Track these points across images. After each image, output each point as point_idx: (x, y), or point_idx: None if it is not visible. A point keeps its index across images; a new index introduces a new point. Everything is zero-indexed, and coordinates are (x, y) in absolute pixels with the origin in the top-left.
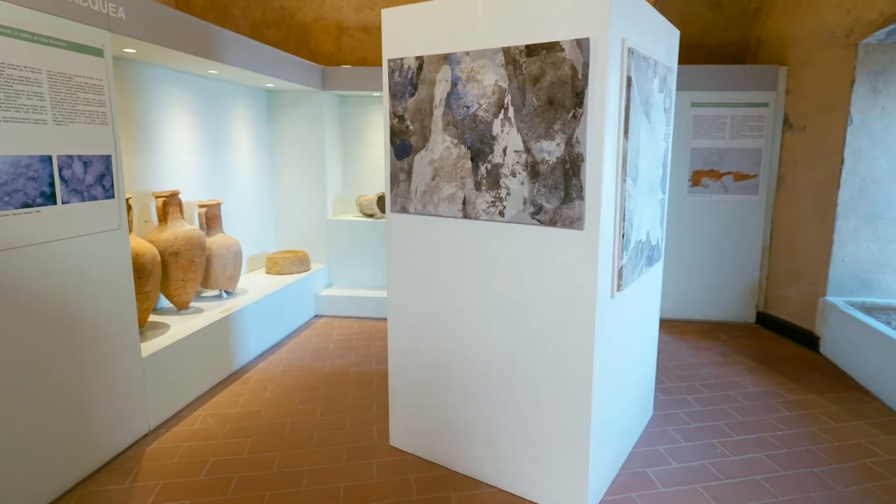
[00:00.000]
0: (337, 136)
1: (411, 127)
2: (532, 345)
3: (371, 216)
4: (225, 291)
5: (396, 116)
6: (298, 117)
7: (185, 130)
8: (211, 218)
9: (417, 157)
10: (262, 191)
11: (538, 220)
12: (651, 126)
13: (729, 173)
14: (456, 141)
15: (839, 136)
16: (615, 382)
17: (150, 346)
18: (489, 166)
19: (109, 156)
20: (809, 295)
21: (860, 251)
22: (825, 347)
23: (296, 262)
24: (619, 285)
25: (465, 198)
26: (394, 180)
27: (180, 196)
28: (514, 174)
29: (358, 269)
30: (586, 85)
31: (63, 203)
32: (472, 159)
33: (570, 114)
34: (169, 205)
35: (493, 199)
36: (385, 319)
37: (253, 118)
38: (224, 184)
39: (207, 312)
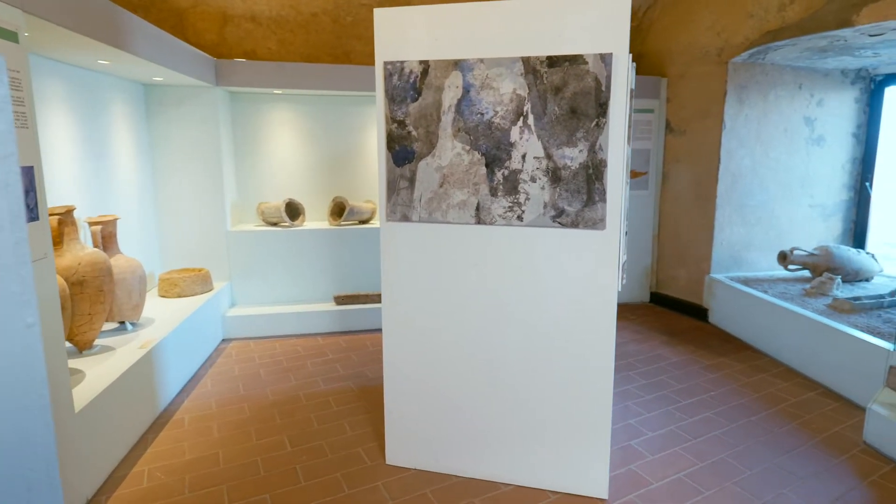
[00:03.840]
0: (230, 137)
1: (414, 133)
2: (552, 341)
3: (275, 224)
4: (129, 322)
5: (395, 122)
6: (184, 116)
7: (61, 132)
8: (108, 237)
9: (422, 163)
10: (144, 202)
11: (559, 223)
12: None
13: None
14: (468, 147)
15: (715, 138)
16: None
17: (76, 398)
18: (506, 172)
19: (32, 167)
20: (696, 273)
21: (733, 234)
22: (714, 317)
23: (198, 281)
24: (623, 278)
25: (478, 204)
26: (392, 188)
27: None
28: (533, 179)
29: (266, 284)
30: (609, 96)
31: None
32: (486, 165)
33: (594, 122)
34: (65, 224)
35: (511, 203)
36: (314, 335)
37: (130, 117)
38: (105, 195)
39: (120, 350)
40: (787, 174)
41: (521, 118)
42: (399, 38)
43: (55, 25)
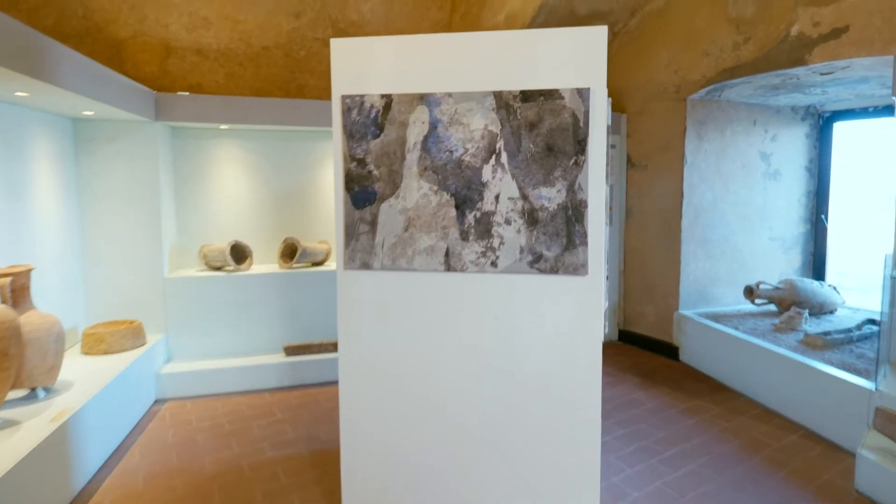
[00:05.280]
0: (170, 175)
1: (375, 172)
2: (532, 398)
3: (219, 269)
4: (42, 389)
5: (355, 160)
6: (119, 153)
7: None
8: (19, 290)
9: (385, 205)
10: (69, 248)
11: (538, 269)
12: None
13: None
14: (436, 187)
15: (677, 173)
16: None
17: None
18: (478, 214)
19: None
20: (664, 310)
21: (698, 269)
22: (685, 355)
23: (129, 335)
24: (606, 326)
25: (448, 249)
26: (351, 233)
27: None
28: (508, 222)
29: (207, 336)
30: (588, 133)
31: None
32: (456, 207)
33: (572, 160)
34: None
35: (483, 248)
36: (261, 391)
37: (56, 155)
38: (20, 242)
39: (28, 423)
40: (746, 208)
41: (494, 156)
42: (359, 69)
43: None
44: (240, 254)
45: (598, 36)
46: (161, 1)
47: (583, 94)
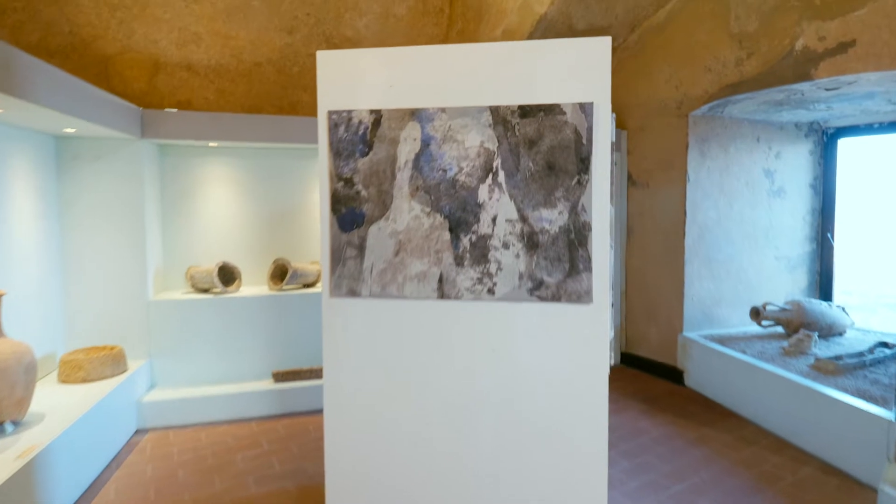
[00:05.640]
0: (157, 194)
1: (364, 192)
2: (532, 433)
3: (206, 291)
4: (11, 422)
5: (342, 179)
6: (103, 172)
7: None
8: None
9: (374, 228)
10: (48, 270)
11: (538, 297)
12: None
13: None
14: (428, 209)
15: (680, 191)
16: None
17: None
18: (474, 237)
19: None
20: (667, 332)
21: (703, 290)
22: (690, 380)
23: (108, 362)
24: (612, 357)
25: (441, 275)
26: (337, 258)
27: None
28: (506, 246)
29: (193, 362)
30: (591, 150)
31: None
32: (450, 230)
33: (574, 180)
34: None
35: (480, 274)
36: (248, 420)
37: (35, 174)
38: None
39: None
40: (751, 226)
41: (491, 175)
42: (347, 83)
43: None
44: (228, 275)
45: (601, 47)
46: (150, 16)
47: (585, 108)
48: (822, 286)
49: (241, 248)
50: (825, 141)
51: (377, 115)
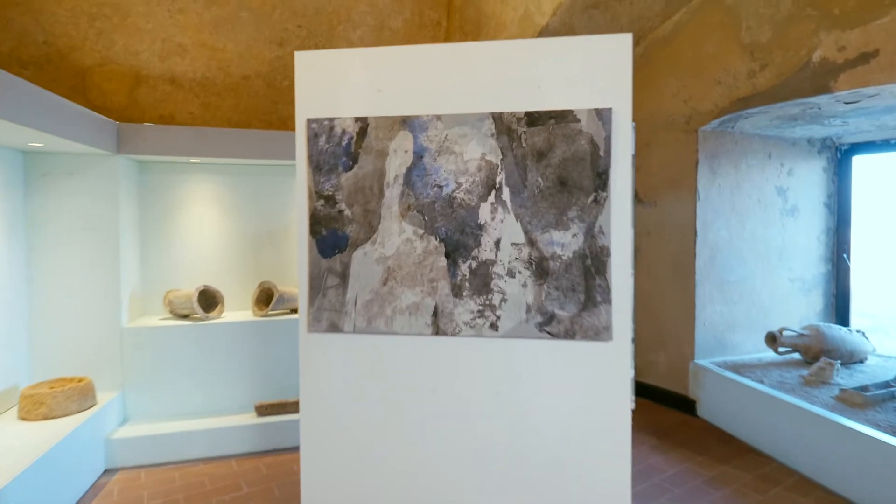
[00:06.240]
0: (134, 214)
1: (347, 212)
2: (543, 487)
3: (186, 317)
4: None
5: (322, 197)
6: (75, 189)
7: None
8: None
9: (359, 253)
10: (11, 295)
11: (549, 333)
12: None
13: None
14: (422, 231)
15: (690, 210)
16: None
17: None
18: (474, 264)
19: None
20: (677, 359)
21: (715, 314)
22: (703, 410)
23: (74, 396)
24: (632, 400)
25: (436, 307)
26: (317, 287)
27: None
28: (511, 274)
29: (169, 394)
30: (609, 163)
31: None
32: (447, 255)
33: (591, 197)
34: None
35: (480, 307)
36: (228, 458)
37: (1, 191)
38: None
39: None
40: (764, 246)
41: (493, 192)
42: (328, 88)
43: None
44: (209, 300)
45: (620, 45)
46: (131, 27)
47: (603, 115)
48: (839, 309)
49: (224, 271)
50: (839, 157)
51: (363, 124)
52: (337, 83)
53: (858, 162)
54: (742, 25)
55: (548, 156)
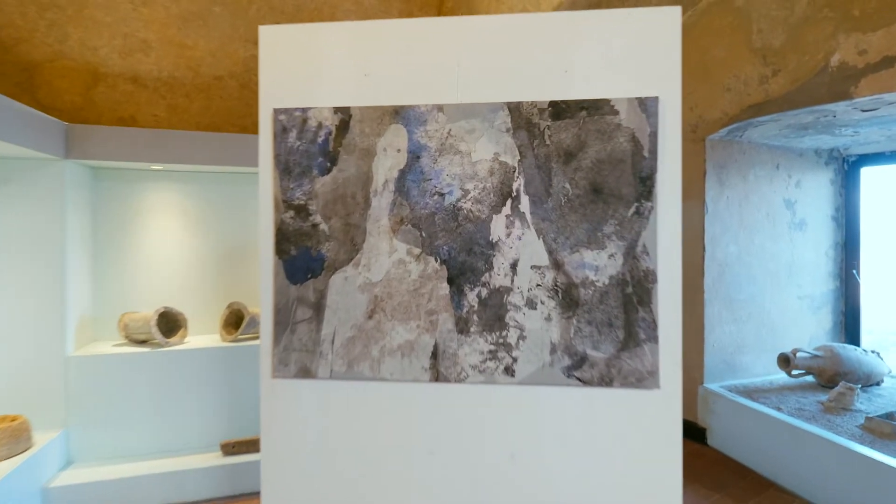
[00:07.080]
0: (86, 226)
1: (324, 226)
2: None
3: (144, 343)
4: None
5: (291, 207)
6: (13, 198)
7: None
8: None
9: (338, 278)
10: None
11: (579, 379)
12: None
13: None
14: (418, 251)
15: (698, 223)
16: None
17: None
18: (484, 292)
19: None
20: (686, 382)
21: (724, 334)
22: (715, 439)
23: (5, 439)
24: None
25: (436, 347)
26: (283, 321)
27: None
28: (532, 304)
29: (122, 431)
30: (655, 166)
31: None
32: (450, 281)
33: (632, 209)
34: None
35: (493, 346)
36: None
37: None
38: None
39: None
40: (773, 262)
41: (510, 202)
42: (301, 70)
43: None
44: (171, 323)
45: (669, 20)
46: (88, 19)
47: (647, 106)
48: (848, 328)
49: (188, 291)
50: (846, 169)
51: (344, 116)
52: (312, 65)
53: (866, 174)
54: (753, 28)
55: (577, 156)
